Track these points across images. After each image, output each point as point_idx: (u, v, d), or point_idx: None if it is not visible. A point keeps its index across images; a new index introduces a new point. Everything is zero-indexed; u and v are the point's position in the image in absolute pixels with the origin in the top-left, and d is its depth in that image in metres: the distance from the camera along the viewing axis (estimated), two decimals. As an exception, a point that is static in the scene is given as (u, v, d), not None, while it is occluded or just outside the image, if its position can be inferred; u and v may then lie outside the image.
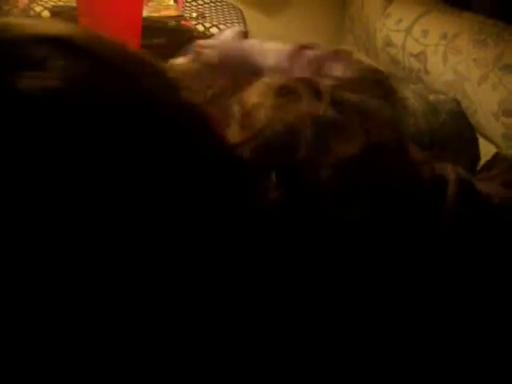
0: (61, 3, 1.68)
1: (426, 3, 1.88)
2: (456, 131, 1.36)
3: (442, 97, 1.42)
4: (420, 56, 1.79)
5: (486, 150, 1.63)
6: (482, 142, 1.70)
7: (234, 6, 2.02)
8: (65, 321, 0.38)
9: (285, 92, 0.53)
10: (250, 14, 2.02)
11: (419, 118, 1.26)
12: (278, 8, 2.14)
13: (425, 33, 1.79)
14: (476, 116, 1.66)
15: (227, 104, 0.51)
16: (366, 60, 2.07)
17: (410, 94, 1.33)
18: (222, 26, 1.79)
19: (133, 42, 1.22)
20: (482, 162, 1.53)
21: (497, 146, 1.61)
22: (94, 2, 1.20)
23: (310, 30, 2.17)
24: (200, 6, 2.01)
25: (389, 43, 1.91)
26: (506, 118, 1.58)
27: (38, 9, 1.64)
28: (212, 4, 2.04)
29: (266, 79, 0.56)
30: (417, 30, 1.82)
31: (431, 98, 1.36)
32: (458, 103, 1.48)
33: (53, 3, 1.67)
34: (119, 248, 0.37)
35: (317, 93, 0.53)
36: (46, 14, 1.59)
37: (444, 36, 1.74)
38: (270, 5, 2.13)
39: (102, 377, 0.39)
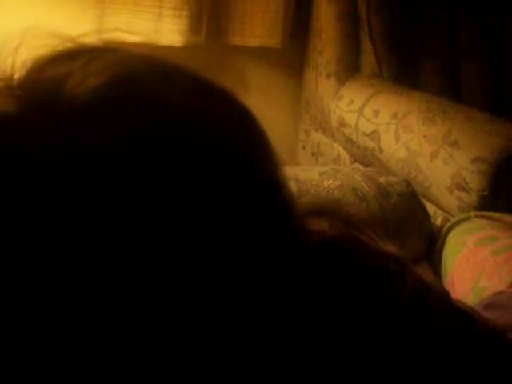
0: None
1: (376, 84, 1.96)
2: (408, 212, 1.40)
3: (392, 178, 1.46)
4: (373, 135, 1.85)
5: (445, 221, 1.67)
6: (439, 213, 1.75)
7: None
8: (65, 321, 0.38)
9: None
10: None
11: (371, 201, 1.30)
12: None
13: (376, 113, 1.86)
14: (431, 190, 1.71)
15: None
16: (323, 139, 2.14)
17: (360, 177, 1.37)
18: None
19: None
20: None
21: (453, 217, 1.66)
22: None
23: (266, 112, 2.21)
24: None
25: (343, 124, 1.97)
26: (459, 191, 1.63)
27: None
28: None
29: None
30: (368, 111, 1.88)
31: (381, 180, 1.41)
32: (409, 184, 1.53)
33: None
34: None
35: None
36: None
37: (394, 115, 1.81)
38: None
39: (102, 377, 0.40)
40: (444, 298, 0.55)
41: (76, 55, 0.43)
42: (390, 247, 0.54)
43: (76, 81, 0.40)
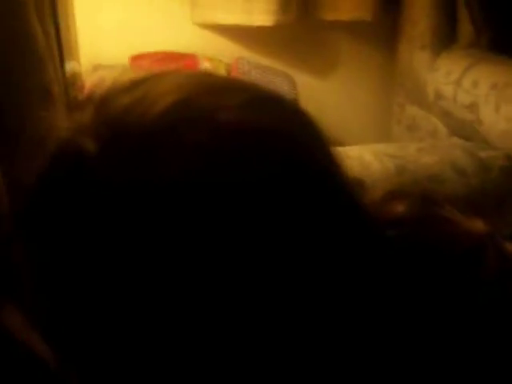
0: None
1: (473, 55, 1.89)
2: (509, 186, 1.35)
3: (492, 153, 1.41)
4: (472, 107, 1.79)
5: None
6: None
7: (284, 73, 2.07)
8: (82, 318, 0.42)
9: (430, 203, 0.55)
10: (301, 80, 2.06)
11: (471, 176, 1.26)
12: (328, 71, 2.19)
13: (475, 83, 1.80)
14: (534, 162, 1.65)
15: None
16: (419, 112, 2.09)
17: (460, 152, 1.33)
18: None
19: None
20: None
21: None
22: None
23: (361, 87, 2.20)
24: (252, 76, 2.07)
25: (440, 96, 1.92)
26: None
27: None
28: (264, 72, 2.10)
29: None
30: (466, 82, 1.83)
31: (482, 154, 1.37)
32: (510, 157, 1.47)
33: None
34: None
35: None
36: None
37: (494, 86, 1.74)
38: (320, 69, 2.18)
39: (103, 376, 0.42)
40: None
41: (136, 85, 0.45)
42: (478, 223, 0.54)
43: (140, 111, 0.43)
